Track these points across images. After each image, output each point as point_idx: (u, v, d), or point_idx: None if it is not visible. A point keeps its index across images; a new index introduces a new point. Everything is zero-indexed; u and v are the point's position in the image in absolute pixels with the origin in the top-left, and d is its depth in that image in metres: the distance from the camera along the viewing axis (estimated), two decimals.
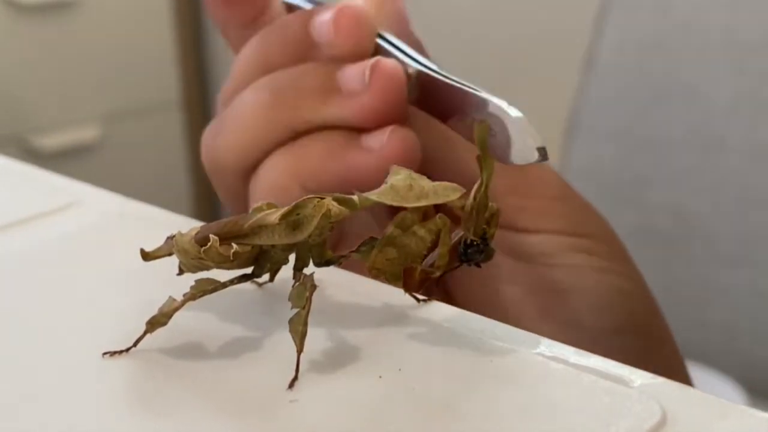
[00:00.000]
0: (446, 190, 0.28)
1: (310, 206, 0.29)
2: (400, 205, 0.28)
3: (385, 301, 0.31)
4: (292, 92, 0.36)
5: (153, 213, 0.39)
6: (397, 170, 0.29)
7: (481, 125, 0.27)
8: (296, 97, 0.35)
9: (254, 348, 0.29)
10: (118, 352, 0.28)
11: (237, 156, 0.37)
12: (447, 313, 0.31)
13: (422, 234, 0.28)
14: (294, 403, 0.26)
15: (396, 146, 0.34)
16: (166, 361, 0.28)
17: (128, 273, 0.34)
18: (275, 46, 0.37)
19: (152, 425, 0.26)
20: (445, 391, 0.27)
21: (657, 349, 0.38)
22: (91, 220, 0.39)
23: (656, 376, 0.27)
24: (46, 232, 0.38)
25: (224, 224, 0.29)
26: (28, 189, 0.42)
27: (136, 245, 0.31)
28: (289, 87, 0.36)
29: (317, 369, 0.28)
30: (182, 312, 0.28)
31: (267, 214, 0.29)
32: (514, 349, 0.29)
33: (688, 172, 0.89)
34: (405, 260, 0.29)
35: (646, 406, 0.26)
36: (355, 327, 0.30)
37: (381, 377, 0.27)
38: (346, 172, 0.34)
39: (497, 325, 0.30)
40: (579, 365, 0.28)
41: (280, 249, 0.29)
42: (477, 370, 0.28)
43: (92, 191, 0.41)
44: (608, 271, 0.37)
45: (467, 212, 0.28)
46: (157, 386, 0.28)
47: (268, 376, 0.27)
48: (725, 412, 0.26)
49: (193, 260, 0.29)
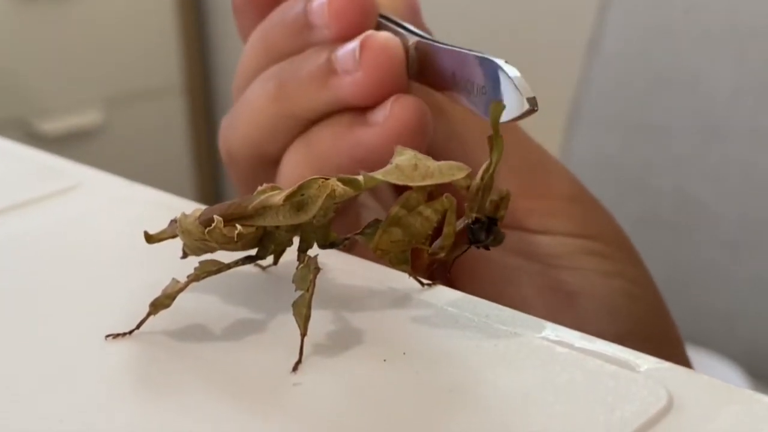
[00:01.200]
0: (452, 169, 0.28)
1: (315, 187, 0.28)
2: (405, 184, 0.28)
3: (389, 285, 0.31)
4: (294, 81, 0.35)
5: (156, 196, 0.39)
6: (402, 150, 0.28)
7: (496, 105, 0.27)
8: (298, 86, 0.35)
9: (258, 331, 0.29)
10: (121, 335, 0.28)
11: (250, 149, 0.37)
12: (451, 297, 0.31)
13: (428, 214, 0.28)
14: (297, 387, 0.26)
15: (400, 115, 0.34)
16: (170, 343, 0.28)
17: (131, 255, 0.34)
18: (277, 32, 0.37)
19: (155, 407, 0.26)
20: (450, 375, 0.27)
21: (663, 354, 0.38)
22: (94, 203, 0.39)
23: (662, 360, 0.27)
24: (49, 215, 0.38)
25: (228, 206, 0.29)
26: (31, 172, 0.42)
27: (139, 228, 0.30)
28: (291, 76, 0.36)
29: (321, 352, 0.27)
30: (186, 294, 0.28)
31: (271, 195, 0.29)
32: (518, 334, 0.28)
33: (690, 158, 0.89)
34: (410, 241, 0.28)
35: (652, 390, 0.26)
36: (360, 310, 0.30)
37: (385, 361, 0.27)
38: (355, 150, 0.34)
39: (502, 309, 0.30)
40: (584, 349, 0.28)
41: (284, 230, 0.29)
42: (481, 354, 0.28)
43: (95, 174, 0.41)
44: (617, 275, 0.37)
45: (473, 192, 0.28)
46: (160, 368, 0.27)
47: (271, 359, 0.27)
48: (731, 397, 0.25)
49: (196, 242, 0.29)
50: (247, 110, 0.37)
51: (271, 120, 0.36)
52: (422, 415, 0.25)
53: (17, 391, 0.26)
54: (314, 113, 0.35)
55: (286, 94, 0.35)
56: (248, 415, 0.25)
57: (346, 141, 0.34)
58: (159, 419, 0.25)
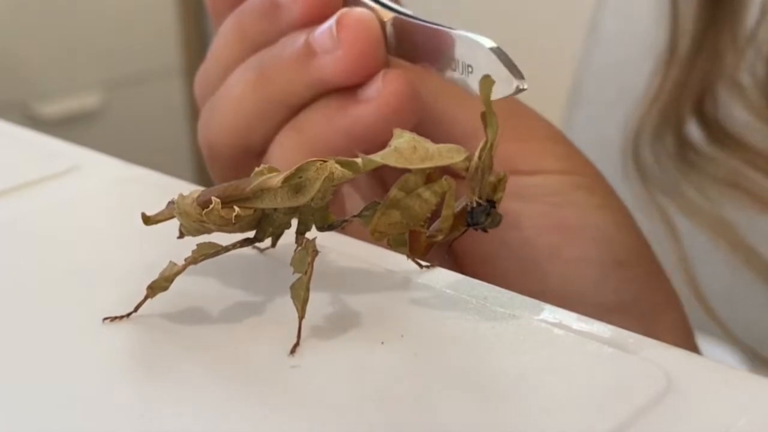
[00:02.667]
0: (450, 152, 0.28)
1: (313, 169, 0.28)
2: (404, 167, 0.28)
3: (387, 267, 0.31)
4: (274, 67, 0.35)
5: (154, 178, 0.39)
6: (400, 133, 0.28)
7: (486, 81, 0.26)
8: (279, 71, 0.35)
9: (256, 313, 0.29)
10: (119, 318, 0.28)
11: (232, 140, 0.37)
12: (449, 279, 0.31)
13: (427, 196, 0.28)
14: (295, 369, 0.26)
15: (394, 88, 0.34)
16: (167, 326, 0.28)
17: (129, 238, 0.34)
18: (247, 19, 0.37)
19: (153, 390, 0.26)
20: (448, 358, 0.27)
21: (657, 278, 0.39)
22: (93, 184, 0.39)
23: (660, 342, 0.27)
24: (48, 197, 0.38)
25: (226, 188, 0.29)
26: (29, 154, 0.42)
27: (137, 210, 0.30)
28: (271, 62, 0.35)
29: (319, 335, 0.27)
30: (183, 277, 0.28)
31: (269, 177, 0.29)
32: (516, 316, 0.28)
33: None
34: (408, 223, 0.28)
35: (650, 372, 0.26)
36: (357, 293, 0.30)
37: (383, 343, 0.27)
38: (352, 127, 0.34)
39: (500, 291, 0.30)
40: (582, 332, 0.28)
41: (282, 212, 0.29)
42: (479, 336, 0.28)
43: (94, 156, 0.41)
44: (606, 206, 0.38)
45: (471, 172, 0.28)
46: (157, 351, 0.27)
47: (269, 341, 0.27)
48: (730, 379, 0.25)
49: (194, 223, 0.29)
50: (228, 100, 0.36)
51: (254, 108, 0.36)
52: (420, 398, 0.25)
53: (14, 374, 0.26)
54: (298, 98, 0.35)
55: (268, 79, 0.35)
56: (246, 398, 0.25)
57: (341, 121, 0.34)
58: (157, 402, 0.25)
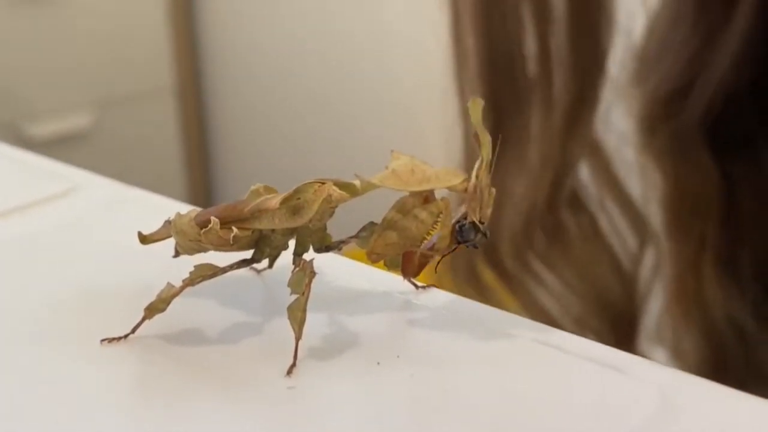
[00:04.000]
0: (449, 175, 0.28)
1: (311, 191, 0.28)
2: (402, 189, 0.28)
3: (383, 288, 0.31)
4: None
5: (151, 199, 0.39)
6: (398, 155, 0.28)
7: (474, 102, 0.27)
8: None
9: (252, 334, 0.29)
10: (117, 339, 0.28)
11: None
12: (445, 299, 0.31)
13: (423, 217, 0.28)
14: (292, 390, 0.26)
15: None
16: (164, 347, 0.28)
17: (126, 259, 0.34)
18: None
19: (150, 411, 0.26)
20: (444, 378, 0.27)
21: None
22: (90, 206, 0.39)
23: (653, 362, 0.28)
24: (45, 219, 0.38)
25: (224, 208, 0.29)
26: (26, 176, 0.42)
27: (133, 231, 0.30)
28: None
29: (315, 356, 0.28)
30: (181, 298, 0.28)
31: (268, 198, 0.29)
32: (511, 335, 0.29)
33: None
34: (405, 244, 0.28)
35: (643, 392, 0.26)
36: (354, 313, 0.30)
37: (379, 364, 0.27)
38: None
39: (495, 311, 0.30)
40: (576, 352, 0.28)
41: (280, 234, 0.29)
42: (475, 356, 0.28)
43: (90, 177, 0.41)
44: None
45: (471, 193, 0.28)
46: (154, 372, 0.28)
47: (266, 362, 0.27)
48: (725, 398, 0.26)
49: (191, 242, 0.29)
50: None
51: None
52: (417, 418, 0.25)
53: (12, 395, 0.27)
54: None
55: None
56: (243, 419, 0.25)
57: None
58: (154, 423, 0.25)
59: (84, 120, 1.64)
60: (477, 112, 0.27)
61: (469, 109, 0.27)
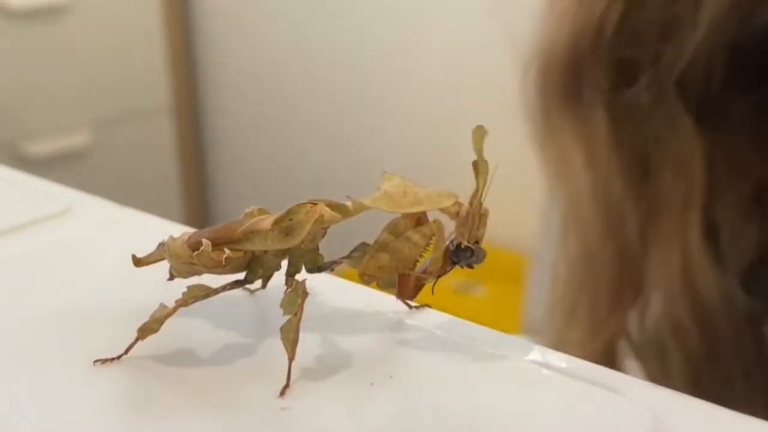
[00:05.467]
0: (440, 197, 0.28)
1: (303, 212, 0.29)
2: (394, 211, 0.28)
3: (377, 308, 0.31)
4: None
5: (145, 219, 0.39)
6: (390, 176, 0.29)
7: (478, 130, 0.27)
8: None
9: (245, 355, 0.29)
10: (110, 360, 0.28)
11: None
12: (439, 320, 0.31)
13: (416, 239, 0.28)
14: (285, 411, 0.26)
15: None
16: (158, 368, 0.28)
17: (120, 280, 0.34)
18: None
19: (141, 431, 0.26)
20: (437, 398, 0.27)
21: None
22: (84, 227, 0.39)
23: (647, 383, 0.27)
24: (39, 239, 0.38)
25: (216, 230, 0.29)
26: (21, 196, 0.42)
27: (128, 252, 0.30)
28: None
29: (309, 376, 0.28)
30: (174, 319, 0.28)
31: (260, 219, 0.29)
32: (506, 356, 0.29)
33: None
34: (397, 266, 0.28)
35: (637, 413, 0.26)
36: (347, 334, 0.30)
37: (372, 384, 0.27)
38: None
39: (489, 332, 0.30)
40: (571, 372, 0.28)
41: (272, 255, 0.29)
42: (469, 376, 0.28)
43: (85, 198, 0.41)
44: None
45: (462, 218, 0.28)
46: (148, 393, 0.28)
47: (259, 383, 0.27)
48: (718, 420, 0.26)
49: (184, 265, 0.29)
50: None
51: None
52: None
53: (6, 416, 0.26)
54: None
55: None
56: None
57: None
58: None
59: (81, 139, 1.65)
60: (479, 140, 0.27)
61: (472, 136, 0.27)
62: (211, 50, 1.67)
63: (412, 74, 1.34)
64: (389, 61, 1.36)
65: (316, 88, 1.47)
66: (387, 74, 1.38)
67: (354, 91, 1.42)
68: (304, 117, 1.50)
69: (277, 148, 1.56)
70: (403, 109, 1.37)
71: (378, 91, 1.39)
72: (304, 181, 1.49)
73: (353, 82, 1.42)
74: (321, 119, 1.48)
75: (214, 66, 1.66)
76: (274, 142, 1.57)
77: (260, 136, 1.59)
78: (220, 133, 1.68)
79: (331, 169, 1.46)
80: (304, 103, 1.49)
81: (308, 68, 1.47)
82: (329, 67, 1.44)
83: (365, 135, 1.43)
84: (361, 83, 1.41)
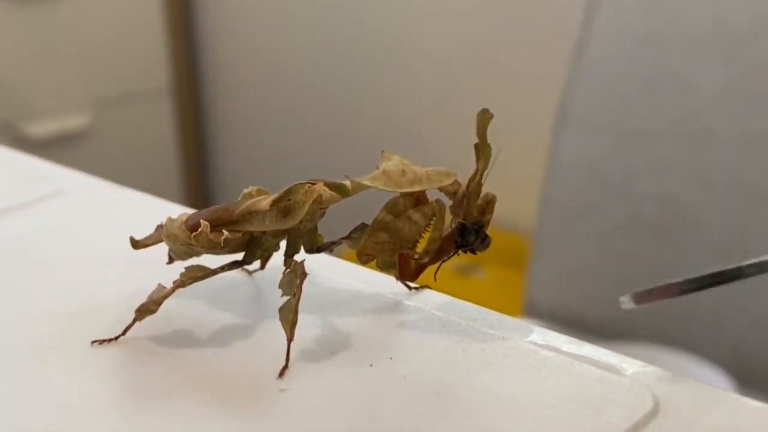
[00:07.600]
0: (439, 176, 0.28)
1: (301, 192, 0.28)
2: (393, 190, 0.28)
3: (376, 289, 0.31)
4: None
5: (143, 200, 0.39)
6: (389, 156, 0.28)
7: (483, 114, 0.27)
8: None
9: (244, 336, 0.29)
10: (107, 340, 0.28)
11: None
12: (439, 301, 0.31)
13: (417, 218, 0.28)
14: (284, 392, 0.26)
15: None
16: (155, 349, 0.28)
17: (118, 260, 0.34)
18: None
19: (141, 413, 0.26)
20: (437, 380, 0.27)
21: None
22: (81, 207, 0.39)
23: (648, 365, 0.27)
24: (36, 220, 0.37)
25: (215, 211, 0.29)
26: (19, 176, 0.42)
27: (125, 232, 0.30)
28: None
29: (308, 357, 0.27)
30: (172, 299, 0.28)
31: (258, 200, 0.29)
32: (506, 338, 0.28)
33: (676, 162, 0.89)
34: (397, 245, 0.28)
35: (638, 394, 0.26)
36: (346, 315, 0.30)
37: (372, 365, 0.27)
38: None
39: (489, 313, 0.30)
40: (571, 354, 0.28)
41: (270, 235, 0.29)
42: (469, 358, 0.28)
43: (82, 178, 0.41)
44: None
45: (458, 199, 0.28)
46: (145, 374, 0.27)
47: (258, 364, 0.27)
48: (717, 401, 0.26)
49: (182, 246, 0.29)
50: None
51: None
52: (409, 420, 0.25)
53: (2, 396, 0.26)
54: None
55: None
56: (235, 421, 0.25)
57: None
58: (145, 425, 0.25)
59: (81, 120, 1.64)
60: (484, 123, 0.27)
61: (477, 118, 0.27)
62: (210, 32, 1.67)
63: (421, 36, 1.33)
64: (393, 34, 1.36)
65: (318, 68, 1.47)
66: (390, 48, 1.37)
67: (356, 69, 1.42)
68: (305, 97, 1.50)
69: (277, 128, 1.56)
70: (409, 79, 1.36)
71: (380, 67, 1.39)
72: (304, 162, 1.49)
73: (355, 60, 1.42)
74: (323, 99, 1.48)
75: (214, 47, 1.66)
76: (274, 122, 1.56)
77: (260, 116, 1.58)
78: (220, 114, 1.67)
79: (332, 148, 1.46)
80: (305, 84, 1.49)
81: (309, 48, 1.46)
82: (332, 46, 1.44)
83: (369, 113, 1.42)
84: (365, 57, 1.41)
